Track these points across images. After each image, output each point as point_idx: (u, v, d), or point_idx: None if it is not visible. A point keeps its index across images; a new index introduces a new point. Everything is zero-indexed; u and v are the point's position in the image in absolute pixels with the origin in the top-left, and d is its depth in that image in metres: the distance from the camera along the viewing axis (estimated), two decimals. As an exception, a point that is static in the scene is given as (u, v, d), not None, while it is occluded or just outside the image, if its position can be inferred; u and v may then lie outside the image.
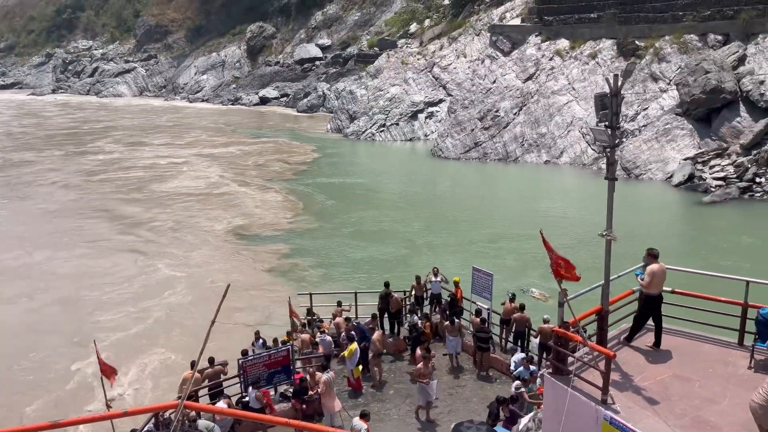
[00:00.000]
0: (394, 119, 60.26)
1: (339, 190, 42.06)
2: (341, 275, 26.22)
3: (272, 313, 22.68)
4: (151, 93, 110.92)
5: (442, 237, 30.99)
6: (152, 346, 20.16)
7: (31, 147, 63.28)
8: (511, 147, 48.48)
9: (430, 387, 13.13)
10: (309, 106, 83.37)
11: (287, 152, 56.07)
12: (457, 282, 17.17)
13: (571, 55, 52.59)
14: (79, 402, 16.87)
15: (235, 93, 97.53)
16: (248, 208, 38.31)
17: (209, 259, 29.33)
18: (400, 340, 16.57)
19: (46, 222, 35.83)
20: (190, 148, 60.05)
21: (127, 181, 46.56)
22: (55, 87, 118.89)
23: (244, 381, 13.78)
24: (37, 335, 21.45)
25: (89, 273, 27.45)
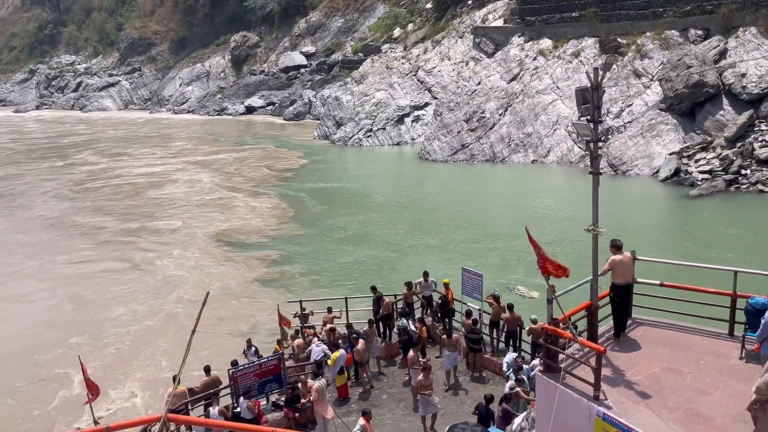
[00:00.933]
0: (380, 124, 60.24)
1: (327, 195, 41.97)
2: (330, 280, 26.11)
3: (259, 320, 22.54)
4: (137, 106, 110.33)
5: (430, 239, 30.97)
6: (140, 356, 19.91)
7: (17, 161, 62.83)
8: (498, 148, 48.56)
9: (434, 398, 12.94)
10: (295, 114, 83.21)
11: (275, 159, 55.89)
12: (446, 284, 17.07)
13: (555, 54, 52.84)
14: (71, 412, 16.60)
15: (221, 103, 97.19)
16: (238, 214, 38.46)
17: (198, 264, 29.33)
18: (392, 345, 16.47)
19: (44, 229, 37.37)
20: (176, 157, 59.72)
21: (117, 190, 47.07)
22: (38, 103, 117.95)
23: (235, 391, 13.62)
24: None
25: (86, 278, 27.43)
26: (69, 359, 19.61)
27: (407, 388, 15.14)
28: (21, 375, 19.54)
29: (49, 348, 21.36)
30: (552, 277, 8.25)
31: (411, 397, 14.62)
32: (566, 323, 8.62)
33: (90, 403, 10.09)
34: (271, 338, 19.49)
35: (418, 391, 13.00)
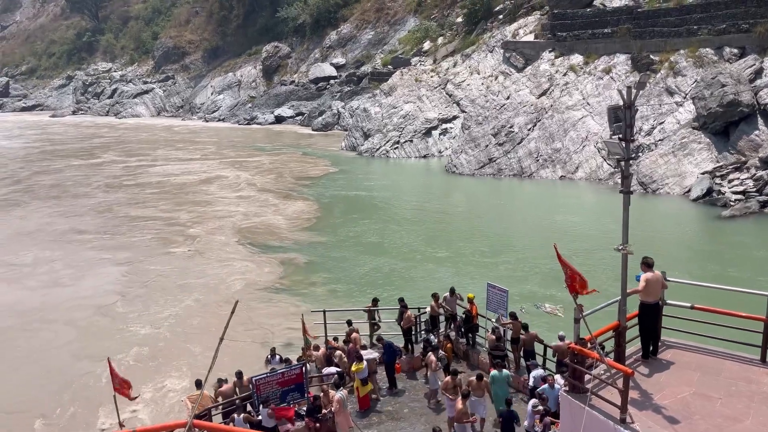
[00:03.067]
0: (408, 136, 60.37)
1: (352, 203, 42.30)
2: (348, 290, 26.20)
3: (274, 327, 22.64)
4: (169, 113, 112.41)
5: (452, 252, 30.87)
6: (168, 359, 20.14)
7: (65, 158, 64.91)
8: (526, 163, 48.26)
9: (472, 427, 12.38)
10: (324, 125, 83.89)
11: (302, 166, 56.42)
12: (471, 298, 17.01)
13: (585, 70, 52.48)
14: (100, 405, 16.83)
15: (251, 112, 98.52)
16: (263, 213, 40.01)
17: (222, 259, 30.45)
18: (416, 358, 16.39)
19: (97, 216, 41.68)
20: (206, 161, 60.67)
21: (154, 189, 49.93)
22: (75, 108, 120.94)
23: (257, 399, 13.69)
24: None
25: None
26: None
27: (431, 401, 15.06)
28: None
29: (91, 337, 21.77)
30: (579, 296, 8.15)
31: (433, 412, 14.54)
32: (593, 343, 8.50)
33: (130, 398, 10.15)
34: (288, 347, 19.67)
35: (456, 421, 12.14)
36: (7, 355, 21.50)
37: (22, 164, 64.78)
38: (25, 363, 21.00)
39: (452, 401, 12.57)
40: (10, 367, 20.58)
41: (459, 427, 12.25)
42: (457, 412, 12.16)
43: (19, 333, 23.35)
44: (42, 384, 19.33)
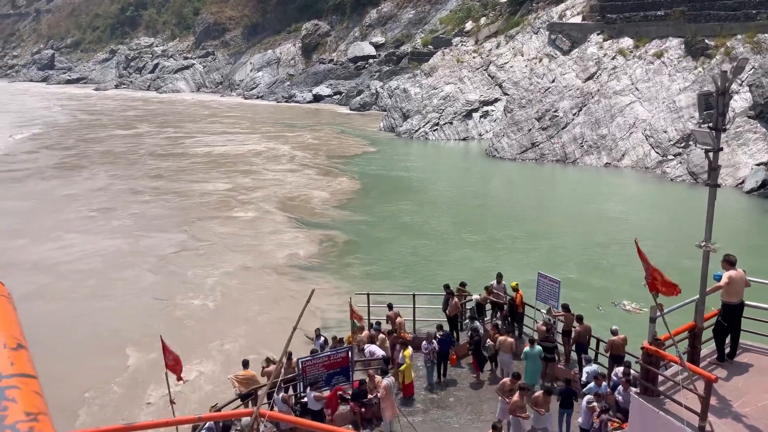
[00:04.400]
0: (448, 118, 59.49)
1: (391, 185, 41.98)
2: (391, 272, 25.97)
3: (322, 311, 22.53)
4: (208, 89, 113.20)
5: (492, 237, 30.34)
6: (210, 336, 20.22)
7: (111, 128, 66.40)
8: (570, 148, 47.08)
9: (526, 422, 11.81)
10: (361, 104, 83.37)
11: (340, 146, 56.21)
12: (515, 286, 16.58)
13: (635, 54, 50.72)
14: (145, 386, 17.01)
15: (290, 90, 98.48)
16: (302, 188, 40.72)
17: (267, 236, 31.01)
18: (461, 345, 16.05)
19: (151, 180, 44.15)
20: (249, 136, 61.05)
21: (196, 159, 51.90)
22: (118, 82, 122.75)
23: (303, 381, 13.57)
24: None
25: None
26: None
27: (476, 391, 14.78)
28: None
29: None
30: (660, 295, 7.66)
31: (479, 401, 14.24)
32: (670, 344, 8.01)
33: (178, 381, 10.20)
34: (326, 328, 19.59)
35: (510, 412, 11.82)
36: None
37: (71, 134, 66.35)
38: (123, 297, 23.66)
39: (506, 404, 11.97)
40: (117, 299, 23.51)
41: (513, 420, 11.83)
42: (512, 404, 11.73)
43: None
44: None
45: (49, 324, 20.39)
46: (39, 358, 1.56)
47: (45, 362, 19.65)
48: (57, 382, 15.85)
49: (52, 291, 24.42)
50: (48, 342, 18.23)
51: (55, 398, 16.44)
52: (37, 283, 25.00)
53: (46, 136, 65.52)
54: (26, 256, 28.14)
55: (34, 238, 30.66)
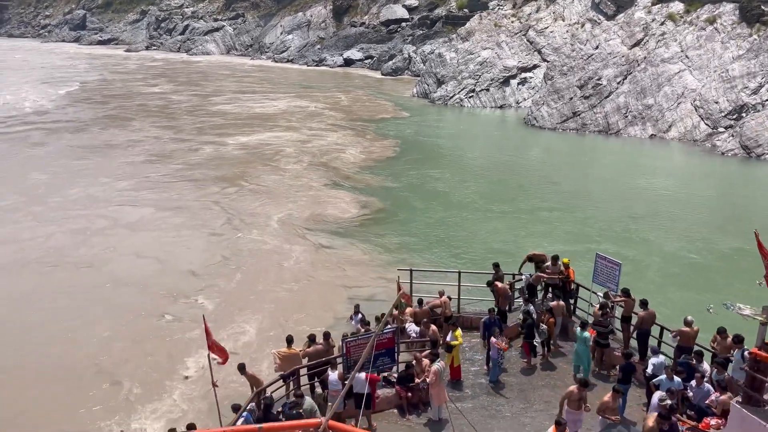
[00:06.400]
0: (484, 85, 57.69)
1: (424, 152, 40.99)
2: (424, 243, 25.22)
3: (355, 281, 21.91)
4: (238, 51, 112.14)
5: (527, 209, 29.37)
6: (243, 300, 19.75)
7: (144, 86, 66.24)
8: (613, 118, 45.20)
9: (577, 414, 10.79)
10: (393, 69, 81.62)
11: (372, 111, 55.04)
12: (567, 263, 15.61)
13: (686, 19, 48.18)
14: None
15: (320, 54, 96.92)
16: (337, 155, 40.17)
17: (301, 193, 31.59)
18: (511, 327, 15.19)
19: (199, 134, 46.27)
20: (280, 98, 60.36)
21: (231, 117, 52.97)
22: (148, 44, 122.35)
23: (347, 362, 12.91)
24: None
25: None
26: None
27: (527, 377, 13.97)
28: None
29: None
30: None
31: (532, 389, 13.45)
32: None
33: (221, 363, 9.69)
34: (353, 299, 19.23)
35: (599, 412, 10.78)
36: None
37: (107, 91, 66.53)
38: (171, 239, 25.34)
39: (576, 416, 10.83)
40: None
41: (601, 422, 10.80)
42: (602, 403, 10.72)
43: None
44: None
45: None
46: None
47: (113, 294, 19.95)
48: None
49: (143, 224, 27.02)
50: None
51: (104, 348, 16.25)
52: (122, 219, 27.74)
53: (84, 93, 66.42)
54: (111, 196, 30.93)
55: (110, 179, 33.69)
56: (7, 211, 28.39)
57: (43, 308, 19.48)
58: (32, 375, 15.98)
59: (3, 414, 14.43)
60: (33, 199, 30.22)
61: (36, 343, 17.43)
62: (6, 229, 26.23)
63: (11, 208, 28.93)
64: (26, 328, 18.32)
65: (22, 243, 24.71)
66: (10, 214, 28.09)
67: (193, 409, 14.41)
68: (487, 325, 14.06)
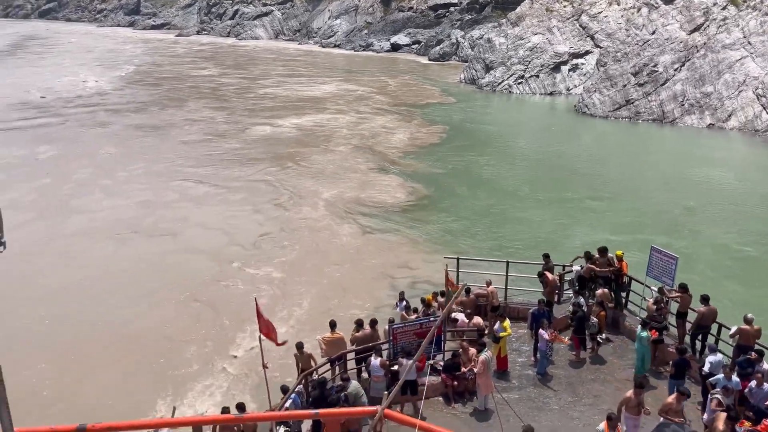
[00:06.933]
0: (534, 71, 56.51)
1: (470, 138, 40.78)
2: (469, 230, 25.14)
3: (400, 268, 21.91)
4: (286, 36, 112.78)
5: (573, 198, 28.90)
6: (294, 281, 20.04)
7: (195, 69, 68.08)
8: (669, 107, 43.67)
9: (683, 427, 10.15)
10: (441, 55, 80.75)
11: (419, 97, 54.68)
12: (620, 256, 15.21)
13: (749, 4, 45.97)
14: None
15: (367, 39, 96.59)
16: (383, 138, 40.59)
17: (347, 175, 32.25)
18: (560, 319, 14.92)
19: (250, 115, 47.90)
20: (327, 83, 60.89)
21: (280, 100, 54.44)
22: (199, 28, 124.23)
23: (393, 348, 12.95)
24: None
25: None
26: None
27: (576, 370, 13.73)
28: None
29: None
30: None
31: (581, 382, 13.21)
32: None
33: (276, 343, 9.87)
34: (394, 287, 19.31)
35: (660, 413, 10.30)
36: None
37: (159, 74, 68.40)
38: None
39: (635, 421, 10.44)
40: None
41: (663, 420, 10.18)
42: (665, 405, 10.25)
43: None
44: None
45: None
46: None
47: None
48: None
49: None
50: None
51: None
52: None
53: (137, 75, 68.51)
54: (172, 172, 33.00)
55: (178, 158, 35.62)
56: (81, 185, 30.43)
57: (125, 270, 21.11)
58: (99, 346, 16.75)
59: (64, 382, 15.08)
60: (103, 173, 32.23)
61: (109, 309, 18.58)
62: (80, 201, 28.22)
63: (85, 181, 31.01)
64: (106, 291, 19.57)
65: (94, 213, 26.63)
66: (84, 187, 30.15)
67: (241, 388, 14.73)
68: (535, 316, 13.84)
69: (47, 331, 17.37)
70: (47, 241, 23.64)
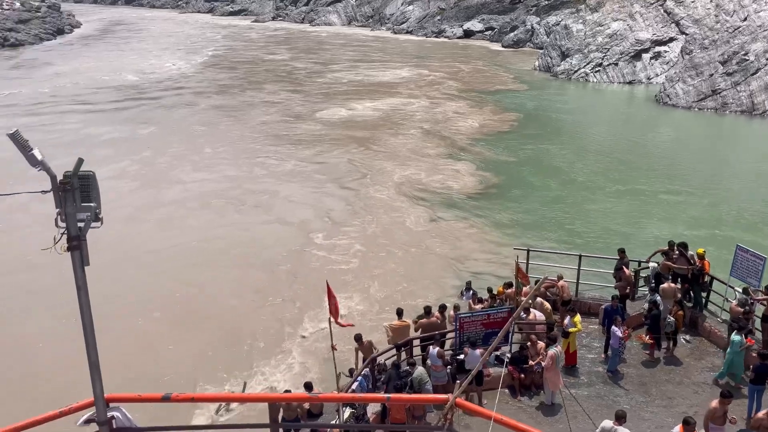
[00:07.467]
0: (613, 58, 54.37)
1: (542, 126, 40.10)
2: (539, 222, 24.59)
3: (466, 257, 21.74)
4: (359, 23, 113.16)
5: (650, 193, 27.67)
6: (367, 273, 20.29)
7: (268, 54, 70.57)
8: (760, 98, 41.06)
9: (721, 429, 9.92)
10: (515, 41, 78.98)
11: (491, 83, 53.82)
12: (702, 254, 14.51)
13: None
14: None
15: (439, 25, 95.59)
16: (455, 123, 40.53)
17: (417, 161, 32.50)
18: (634, 317, 14.42)
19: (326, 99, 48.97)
20: (399, 69, 61.31)
21: (354, 85, 55.59)
22: (274, 14, 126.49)
23: (459, 337, 12.88)
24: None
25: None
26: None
27: (649, 370, 13.26)
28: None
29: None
30: None
31: (654, 383, 12.76)
32: None
33: (342, 324, 10.10)
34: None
35: (708, 419, 9.94)
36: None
37: (236, 58, 70.49)
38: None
39: (720, 430, 9.99)
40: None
41: (713, 428, 9.90)
42: (709, 411, 9.86)
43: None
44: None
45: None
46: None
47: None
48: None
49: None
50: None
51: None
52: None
53: (215, 59, 70.74)
54: (255, 150, 34.80)
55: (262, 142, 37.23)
56: (175, 158, 32.79)
57: (220, 237, 22.82)
58: (183, 313, 17.69)
59: (148, 348, 15.89)
60: (193, 148, 34.46)
61: (195, 276, 19.85)
62: (175, 173, 30.50)
63: (178, 155, 33.37)
64: (195, 258, 21.10)
65: (185, 185, 28.78)
66: (177, 160, 32.50)
67: (308, 368, 15.09)
68: (608, 312, 13.44)
69: (139, 296, 18.50)
70: (150, 209, 25.89)
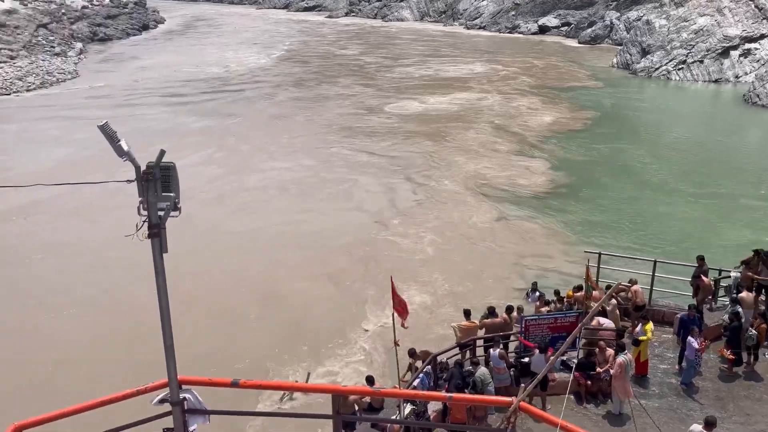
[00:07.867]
0: (698, 56, 51.76)
1: (617, 124, 39.31)
2: (611, 226, 23.81)
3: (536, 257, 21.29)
4: (431, 18, 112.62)
5: (729, 199, 26.22)
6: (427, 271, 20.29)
7: (344, 48, 71.50)
8: None
9: None
10: (592, 37, 76.49)
11: (566, 80, 52.58)
12: (785, 264, 13.61)
13: None
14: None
15: (514, 20, 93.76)
16: (527, 118, 40.38)
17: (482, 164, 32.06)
18: (712, 327, 13.72)
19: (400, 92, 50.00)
20: (472, 64, 61.32)
21: (427, 79, 55.76)
22: (348, 10, 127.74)
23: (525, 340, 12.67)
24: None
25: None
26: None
27: (726, 384, 12.61)
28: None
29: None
30: None
31: (731, 398, 12.13)
32: None
33: (403, 325, 10.18)
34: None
35: None
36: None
37: (309, 53, 72.10)
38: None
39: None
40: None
41: None
42: None
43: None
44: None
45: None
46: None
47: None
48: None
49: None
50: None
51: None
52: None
53: (289, 54, 72.39)
54: (329, 142, 36.03)
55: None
56: (256, 147, 34.69)
57: (300, 221, 24.04)
58: (255, 298, 18.37)
59: (217, 332, 16.49)
60: (271, 138, 36.48)
61: (270, 262, 20.77)
62: (256, 160, 32.19)
63: (259, 144, 35.13)
64: (271, 244, 22.17)
65: (265, 173, 30.27)
66: (258, 149, 34.33)
67: (372, 363, 15.23)
68: (684, 322, 12.85)
69: (223, 275, 19.32)
70: (234, 193, 27.45)
